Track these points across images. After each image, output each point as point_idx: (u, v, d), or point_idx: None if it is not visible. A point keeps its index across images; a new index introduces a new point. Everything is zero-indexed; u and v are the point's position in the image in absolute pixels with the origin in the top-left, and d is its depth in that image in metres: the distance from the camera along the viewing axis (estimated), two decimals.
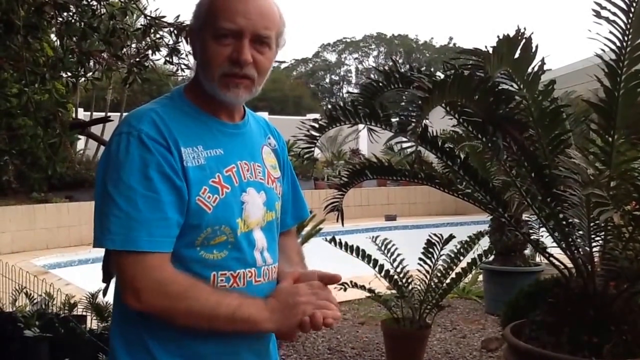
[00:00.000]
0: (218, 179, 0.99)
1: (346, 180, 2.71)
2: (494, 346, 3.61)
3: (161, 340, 0.99)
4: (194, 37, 1.03)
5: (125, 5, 2.75)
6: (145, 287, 0.92)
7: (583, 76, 2.20)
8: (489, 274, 4.55)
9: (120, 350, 1.01)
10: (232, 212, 1.00)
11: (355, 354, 3.64)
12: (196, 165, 0.97)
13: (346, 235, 4.17)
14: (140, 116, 0.98)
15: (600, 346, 2.02)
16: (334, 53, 40.35)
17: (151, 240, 0.92)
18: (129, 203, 0.92)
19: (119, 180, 0.93)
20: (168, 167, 0.95)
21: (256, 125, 1.14)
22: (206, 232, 0.98)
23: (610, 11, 1.94)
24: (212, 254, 0.99)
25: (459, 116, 2.28)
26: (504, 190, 2.53)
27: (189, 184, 0.96)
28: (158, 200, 0.93)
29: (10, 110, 2.85)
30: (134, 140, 0.94)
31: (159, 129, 0.96)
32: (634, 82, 2.02)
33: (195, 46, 1.02)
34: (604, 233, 2.11)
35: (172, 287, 0.94)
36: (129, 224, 0.92)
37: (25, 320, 2.78)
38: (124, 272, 0.94)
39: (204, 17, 0.99)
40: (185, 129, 0.99)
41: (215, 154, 1.01)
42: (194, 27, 1.02)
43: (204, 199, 0.97)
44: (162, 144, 0.95)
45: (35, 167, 3.57)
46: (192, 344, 0.99)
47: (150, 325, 0.98)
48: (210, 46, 0.97)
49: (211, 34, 0.97)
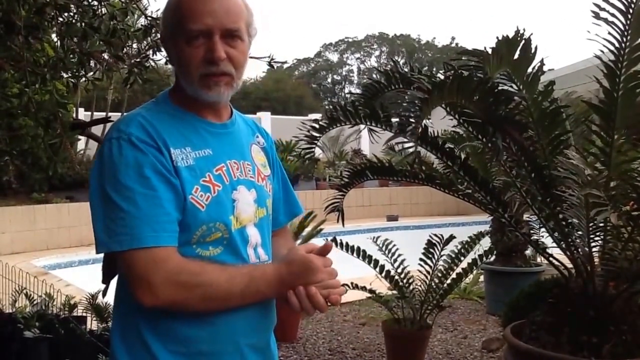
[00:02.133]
0: (209, 178, 1.01)
1: (347, 181, 2.71)
2: (494, 347, 3.60)
3: (162, 338, 0.99)
4: (167, 44, 1.05)
5: (126, 6, 2.75)
6: (158, 281, 0.93)
7: (585, 76, 2.20)
8: (489, 275, 4.55)
9: (120, 350, 1.01)
10: (224, 209, 1.01)
11: (356, 354, 3.64)
12: (186, 165, 0.99)
13: (348, 236, 4.17)
14: (128, 121, 1.00)
15: (600, 346, 2.02)
16: (336, 53, 40.40)
17: (156, 235, 0.94)
18: (130, 203, 0.93)
19: (117, 182, 0.95)
20: (161, 166, 0.97)
21: (244, 125, 1.16)
22: (201, 229, 0.99)
23: (609, 12, 1.94)
24: (208, 250, 1.00)
25: (459, 117, 2.28)
26: (504, 190, 2.52)
27: (182, 183, 0.98)
28: (157, 197, 0.95)
29: (11, 110, 2.86)
30: (125, 144, 0.96)
31: (148, 131, 0.98)
32: (633, 83, 2.02)
33: (171, 53, 1.05)
34: (603, 233, 2.11)
35: (183, 277, 0.95)
36: (133, 222, 0.93)
37: (25, 321, 2.79)
38: (134, 270, 0.94)
39: (172, 23, 1.02)
40: (173, 131, 1.01)
41: (204, 154, 1.02)
42: (165, 35, 1.05)
43: (197, 197, 0.99)
44: (153, 145, 0.97)
45: (35, 167, 3.57)
46: (194, 343, 1.00)
47: (151, 323, 0.99)
48: (184, 50, 1.00)
49: (183, 38, 1.00)
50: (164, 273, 0.93)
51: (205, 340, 1.00)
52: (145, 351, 0.99)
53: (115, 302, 1.07)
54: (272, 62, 2.36)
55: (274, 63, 2.37)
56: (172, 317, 0.98)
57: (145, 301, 0.94)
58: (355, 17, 62.54)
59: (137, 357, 1.00)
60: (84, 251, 7.76)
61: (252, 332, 1.06)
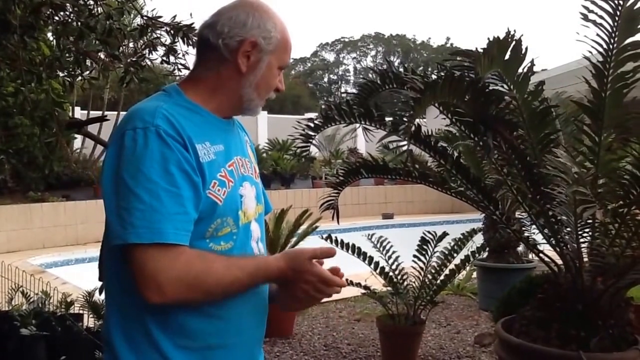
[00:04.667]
0: (224, 173, 1.03)
1: (342, 179, 2.74)
2: (487, 341, 3.65)
3: (171, 334, 0.98)
4: (260, 54, 1.06)
5: (122, 5, 2.77)
6: (168, 280, 0.92)
7: (575, 77, 2.24)
8: (482, 271, 4.60)
9: (124, 350, 0.99)
10: (236, 204, 1.04)
11: (351, 350, 3.68)
12: (208, 160, 1.00)
13: (343, 234, 4.20)
14: (152, 112, 0.98)
15: (588, 340, 2.06)
16: (332, 52, 40.37)
17: (177, 233, 0.92)
18: (152, 196, 0.91)
19: (140, 173, 0.92)
20: (186, 163, 0.96)
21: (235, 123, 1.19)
22: (216, 223, 1.00)
23: (597, 14, 1.99)
24: (220, 245, 1.02)
25: (452, 116, 2.32)
26: (495, 188, 2.56)
27: (204, 179, 0.98)
28: (180, 195, 0.93)
29: (7, 109, 2.87)
30: (152, 135, 0.94)
31: (174, 125, 0.97)
32: (620, 84, 2.06)
33: (257, 62, 1.06)
34: (591, 230, 2.16)
35: (192, 277, 0.94)
36: (154, 216, 0.91)
37: (22, 319, 2.79)
38: (144, 266, 0.91)
39: (277, 44, 1.07)
40: (193, 126, 1.01)
41: (220, 149, 1.04)
42: (265, 47, 1.06)
43: (215, 192, 1.00)
44: (179, 141, 0.96)
45: (31, 166, 3.59)
46: (203, 337, 1.00)
47: (159, 320, 0.98)
48: (274, 72, 1.09)
49: (278, 62, 1.09)
50: (175, 272, 0.92)
51: (212, 333, 1.01)
52: (153, 348, 0.98)
53: (111, 300, 1.03)
54: None
55: None
56: (182, 312, 0.98)
57: (152, 299, 0.92)
58: (352, 17, 62.59)
59: (144, 355, 0.98)
60: (80, 250, 7.76)
61: (256, 324, 1.09)
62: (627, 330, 2.14)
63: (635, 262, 2.03)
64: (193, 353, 1.00)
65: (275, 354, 3.57)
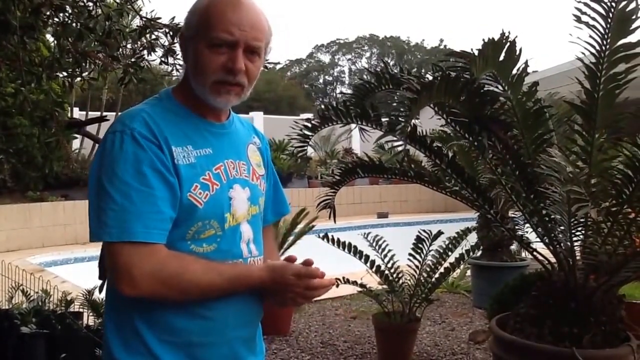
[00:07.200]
0: (208, 177, 1.05)
1: (338, 179, 2.77)
2: (481, 338, 3.70)
3: (155, 329, 1.03)
4: (185, 43, 1.09)
5: (121, 7, 2.79)
6: (139, 274, 0.96)
7: (569, 78, 2.28)
8: (476, 269, 4.65)
9: (114, 340, 1.04)
10: (221, 207, 1.06)
11: (348, 347, 3.71)
12: (187, 163, 1.02)
13: (339, 233, 4.23)
14: (132, 116, 1.03)
15: (581, 336, 2.10)
16: (328, 54, 40.40)
17: (147, 232, 0.96)
18: (124, 197, 0.96)
19: (114, 175, 0.97)
20: (160, 163, 0.99)
21: (241, 126, 1.21)
22: (197, 225, 1.03)
23: (590, 16, 2.02)
24: (202, 247, 1.04)
25: (447, 116, 2.35)
26: (490, 187, 2.60)
27: (181, 181, 1.01)
28: (152, 194, 0.97)
29: (6, 109, 2.88)
30: (127, 138, 0.99)
31: (150, 127, 1.01)
32: (612, 84, 2.10)
33: (187, 52, 1.07)
34: (584, 228, 2.20)
35: (165, 274, 0.98)
36: (125, 216, 0.96)
37: (22, 317, 2.81)
38: (118, 261, 0.97)
39: (198, 26, 1.04)
40: (175, 129, 1.04)
41: (205, 154, 1.06)
42: (187, 34, 1.08)
43: (195, 195, 1.02)
44: (154, 142, 1.00)
45: (31, 166, 3.60)
46: (185, 334, 1.04)
47: (144, 315, 1.03)
48: (204, 54, 1.03)
49: (206, 42, 1.03)
50: (147, 267, 0.96)
51: (195, 332, 1.04)
52: (139, 341, 1.02)
53: (107, 296, 1.09)
54: (265, 62, 2.41)
55: (267, 64, 2.42)
56: (165, 309, 1.02)
57: (125, 291, 0.97)
58: (347, 19, 62.63)
59: (132, 347, 1.03)
60: (79, 249, 7.76)
61: (242, 325, 1.10)
62: (619, 327, 2.18)
63: (627, 260, 2.07)
64: (176, 348, 1.04)
65: (273, 351, 3.60)
